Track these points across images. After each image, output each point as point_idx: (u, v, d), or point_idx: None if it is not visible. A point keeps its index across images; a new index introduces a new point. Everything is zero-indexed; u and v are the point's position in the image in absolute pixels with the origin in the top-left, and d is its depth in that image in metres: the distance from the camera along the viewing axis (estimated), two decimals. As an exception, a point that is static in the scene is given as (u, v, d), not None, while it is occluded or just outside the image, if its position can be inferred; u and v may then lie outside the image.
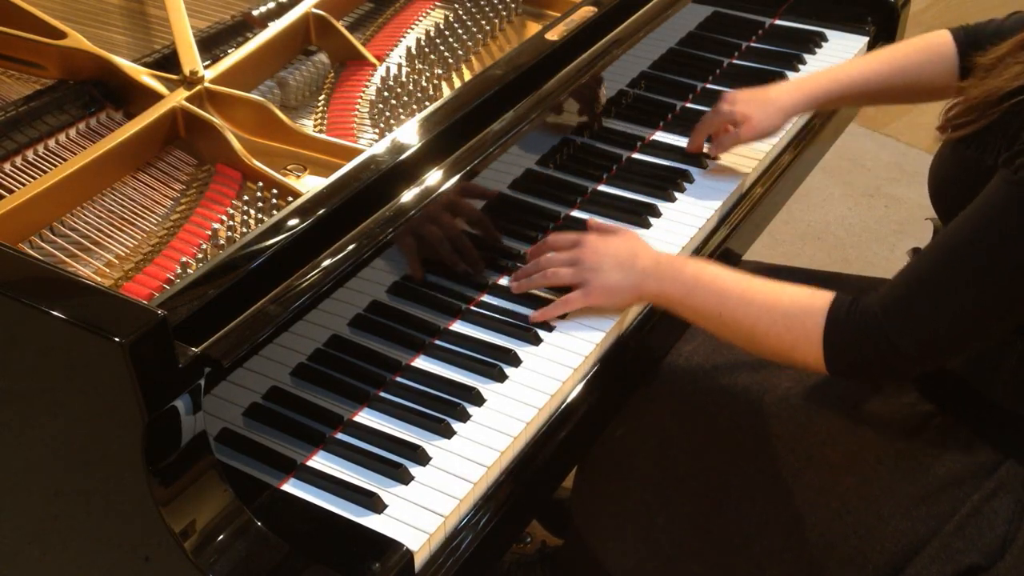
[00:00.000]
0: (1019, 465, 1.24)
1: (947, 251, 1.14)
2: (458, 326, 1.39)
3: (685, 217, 1.59)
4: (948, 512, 1.26)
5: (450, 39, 1.69)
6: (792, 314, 1.22)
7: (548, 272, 1.39)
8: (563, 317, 1.39)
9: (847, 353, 1.19)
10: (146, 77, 1.45)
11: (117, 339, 0.95)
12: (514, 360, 1.33)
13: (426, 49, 1.67)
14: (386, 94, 1.56)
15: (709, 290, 1.28)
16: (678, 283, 1.31)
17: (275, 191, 1.36)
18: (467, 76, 1.63)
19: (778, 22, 2.04)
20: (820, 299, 1.22)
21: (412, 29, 1.74)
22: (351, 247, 1.21)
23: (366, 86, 1.59)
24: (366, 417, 1.26)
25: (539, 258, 1.42)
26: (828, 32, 2.01)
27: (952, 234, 1.14)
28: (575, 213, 1.58)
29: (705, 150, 1.68)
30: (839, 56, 1.95)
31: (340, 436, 1.24)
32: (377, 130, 1.50)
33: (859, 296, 1.20)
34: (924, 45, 1.56)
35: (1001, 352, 1.23)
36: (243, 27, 1.65)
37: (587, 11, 1.58)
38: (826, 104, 1.64)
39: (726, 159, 1.69)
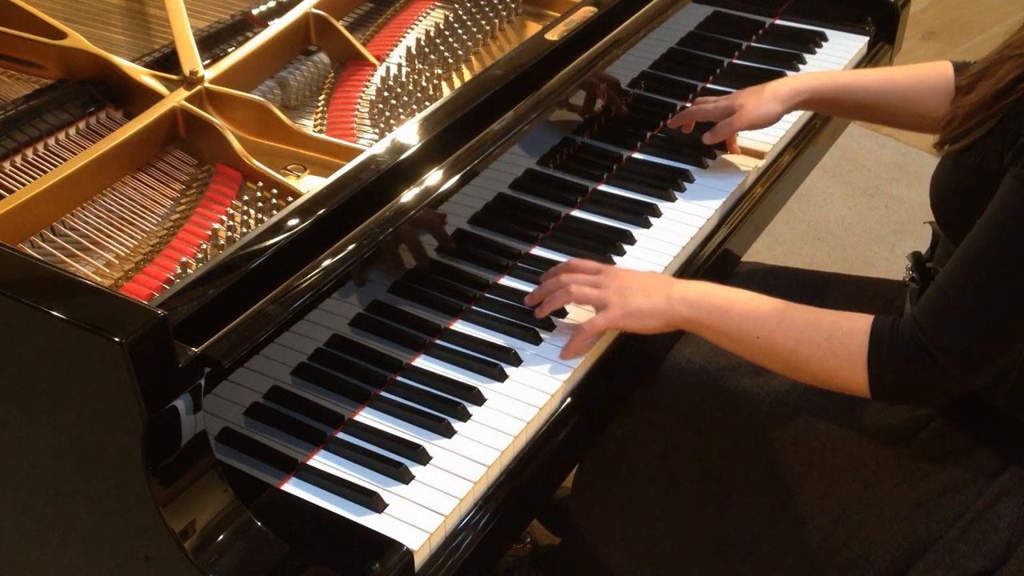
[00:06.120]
0: (1022, 470, 1.24)
1: (972, 259, 1.13)
2: (458, 325, 1.39)
3: (685, 217, 1.59)
4: (950, 516, 1.26)
5: (450, 39, 1.69)
6: (835, 336, 1.20)
7: (572, 290, 1.35)
8: (563, 314, 1.39)
9: (891, 373, 1.17)
10: (146, 77, 1.45)
11: (117, 339, 0.95)
12: (514, 360, 1.33)
13: (426, 49, 1.67)
14: (386, 94, 1.56)
15: (745, 314, 1.26)
16: (711, 308, 1.29)
17: (275, 191, 1.36)
18: (467, 76, 1.63)
19: (778, 22, 2.04)
20: (861, 320, 1.20)
21: (412, 29, 1.74)
22: (351, 247, 1.21)
23: (366, 86, 1.59)
24: (367, 416, 1.26)
25: (560, 276, 1.38)
26: (828, 32, 2.01)
27: (974, 242, 1.14)
28: (575, 213, 1.58)
29: (706, 143, 1.68)
30: (839, 56, 1.95)
31: (341, 435, 1.24)
32: (377, 130, 1.50)
33: (897, 317, 1.18)
34: (926, 71, 1.55)
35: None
36: (243, 26, 1.65)
37: (587, 11, 1.58)
38: (820, 102, 1.63)
39: (726, 158, 1.70)
